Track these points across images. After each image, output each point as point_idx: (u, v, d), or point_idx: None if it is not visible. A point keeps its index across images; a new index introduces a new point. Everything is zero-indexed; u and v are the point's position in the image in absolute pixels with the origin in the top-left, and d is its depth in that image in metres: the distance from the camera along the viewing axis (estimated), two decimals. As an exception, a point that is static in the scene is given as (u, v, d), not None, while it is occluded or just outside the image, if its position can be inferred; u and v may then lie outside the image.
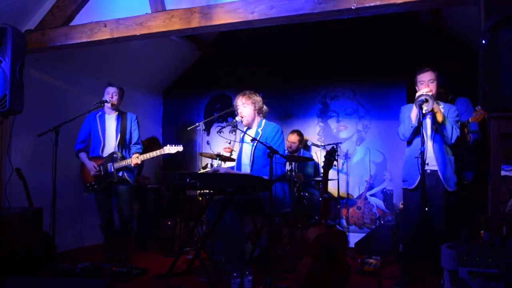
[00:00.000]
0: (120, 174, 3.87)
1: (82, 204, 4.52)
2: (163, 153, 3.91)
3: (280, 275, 3.44)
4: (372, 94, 5.34)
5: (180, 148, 3.95)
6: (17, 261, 2.65)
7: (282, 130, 3.53)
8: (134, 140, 4.04)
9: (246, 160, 3.52)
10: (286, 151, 5.00)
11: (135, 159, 3.84)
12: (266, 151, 3.06)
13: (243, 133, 3.54)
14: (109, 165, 3.85)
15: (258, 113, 3.54)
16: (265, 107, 3.57)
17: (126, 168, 3.89)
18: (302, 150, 5.19)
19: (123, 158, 3.88)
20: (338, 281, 2.82)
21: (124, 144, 3.96)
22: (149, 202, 4.86)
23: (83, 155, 3.93)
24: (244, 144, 3.59)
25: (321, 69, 5.53)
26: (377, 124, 5.30)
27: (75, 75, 4.69)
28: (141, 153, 3.96)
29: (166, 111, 6.46)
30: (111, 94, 3.90)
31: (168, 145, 3.93)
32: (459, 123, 3.14)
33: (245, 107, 3.49)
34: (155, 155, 3.90)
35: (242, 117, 3.50)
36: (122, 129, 3.96)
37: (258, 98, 3.52)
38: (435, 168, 3.06)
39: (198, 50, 5.95)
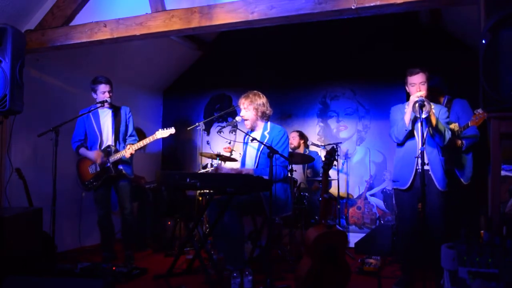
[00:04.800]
0: (120, 167, 3.86)
1: (82, 204, 4.51)
2: (156, 138, 3.85)
3: (280, 275, 3.45)
4: (372, 94, 5.34)
5: (172, 130, 3.88)
6: (17, 261, 2.64)
7: (287, 135, 3.52)
8: (129, 131, 4.04)
9: (250, 162, 3.51)
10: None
11: (128, 150, 3.81)
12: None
13: (246, 135, 3.53)
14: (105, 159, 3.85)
15: (261, 117, 3.48)
16: (269, 110, 3.49)
17: (123, 161, 3.88)
18: (306, 149, 5.21)
19: (117, 151, 3.86)
20: (338, 281, 2.82)
21: (119, 138, 3.95)
22: (148, 202, 4.86)
23: (83, 150, 3.91)
24: (249, 147, 3.57)
25: (321, 69, 5.54)
26: (377, 124, 5.30)
27: (75, 75, 4.69)
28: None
29: (166, 111, 6.46)
30: (106, 92, 3.87)
31: (160, 129, 3.89)
32: (453, 125, 3.14)
33: (247, 112, 3.46)
34: (148, 142, 3.86)
35: (246, 120, 3.49)
36: (116, 123, 3.95)
37: (261, 101, 3.44)
38: (427, 167, 3.06)
39: (198, 50, 5.95)
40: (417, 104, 2.84)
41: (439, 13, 4.54)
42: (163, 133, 3.87)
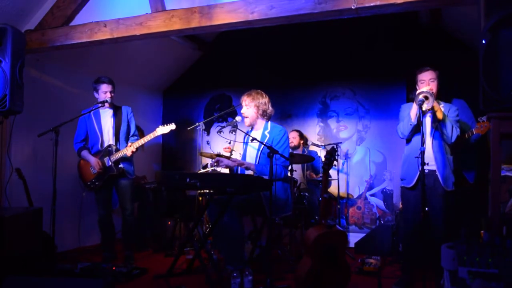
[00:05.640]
0: (121, 165, 3.86)
1: (82, 204, 4.51)
2: (156, 134, 3.87)
3: (280, 275, 3.45)
4: (372, 94, 5.34)
5: (172, 126, 3.89)
6: (17, 261, 2.64)
7: (288, 135, 3.52)
8: (132, 131, 4.05)
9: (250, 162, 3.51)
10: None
11: (129, 148, 3.81)
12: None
13: (246, 135, 3.53)
14: (105, 159, 3.84)
15: (262, 116, 3.49)
16: (270, 109, 3.51)
17: (124, 160, 3.88)
18: (305, 149, 5.21)
19: (118, 150, 3.86)
20: (338, 281, 2.82)
21: (119, 138, 3.95)
22: (148, 202, 4.86)
23: (85, 153, 3.91)
24: (249, 147, 3.57)
25: (321, 69, 5.53)
26: (377, 124, 5.30)
27: (75, 75, 4.69)
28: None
29: (166, 111, 6.46)
30: (108, 92, 3.87)
31: (160, 126, 3.90)
32: (459, 123, 3.13)
33: (248, 109, 3.47)
34: (148, 139, 3.87)
35: (246, 117, 3.49)
36: (117, 123, 3.95)
37: (263, 100, 3.46)
38: (434, 168, 3.06)
39: (198, 50, 5.95)
40: (420, 96, 2.84)
41: (439, 13, 4.54)
42: (163, 129, 3.88)
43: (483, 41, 2.13)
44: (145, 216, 4.83)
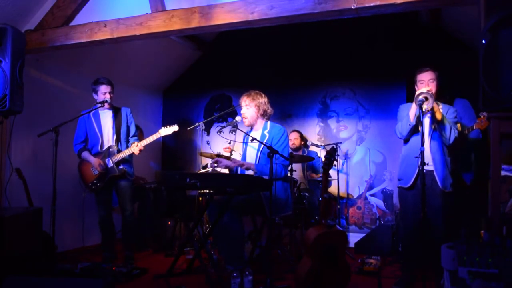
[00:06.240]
0: (122, 167, 3.86)
1: (82, 204, 4.51)
2: (159, 136, 3.89)
3: (280, 275, 3.45)
4: (372, 94, 5.34)
5: (175, 127, 3.92)
6: (17, 261, 2.65)
7: (288, 134, 3.52)
8: (132, 132, 4.05)
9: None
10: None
11: (137, 147, 3.81)
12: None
13: (246, 135, 3.53)
14: (107, 160, 3.85)
15: (262, 116, 3.50)
16: (270, 109, 3.52)
17: (124, 161, 3.89)
18: (305, 149, 5.21)
19: (119, 151, 3.87)
20: (338, 281, 2.82)
21: (120, 139, 3.96)
22: (149, 202, 4.86)
23: (86, 154, 3.91)
24: (249, 147, 3.58)
25: (321, 69, 5.53)
26: (377, 124, 5.30)
27: (75, 75, 4.69)
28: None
29: (166, 111, 6.46)
30: (107, 93, 3.87)
31: (162, 128, 3.92)
32: (458, 124, 3.12)
33: (248, 109, 3.48)
34: (152, 140, 3.88)
35: (245, 118, 3.49)
36: (117, 124, 3.95)
37: (262, 100, 3.48)
38: (431, 168, 3.05)
39: (198, 50, 5.95)
40: (420, 96, 2.84)
41: (439, 13, 4.54)
42: (166, 130, 3.90)
43: (483, 41, 2.13)
44: (145, 216, 4.83)
